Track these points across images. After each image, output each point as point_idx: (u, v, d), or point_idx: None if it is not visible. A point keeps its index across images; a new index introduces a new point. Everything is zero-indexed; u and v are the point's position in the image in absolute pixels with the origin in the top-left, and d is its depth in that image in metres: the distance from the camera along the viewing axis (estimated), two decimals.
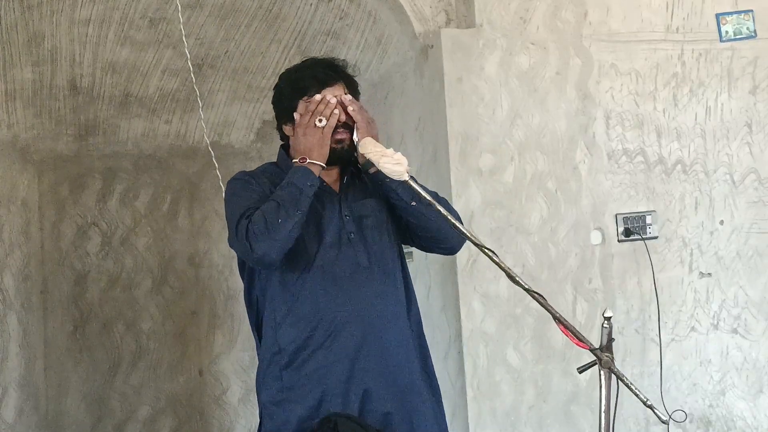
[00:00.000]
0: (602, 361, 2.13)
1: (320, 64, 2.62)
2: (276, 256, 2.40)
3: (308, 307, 2.47)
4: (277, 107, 2.64)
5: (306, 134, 2.45)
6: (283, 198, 2.40)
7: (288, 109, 2.57)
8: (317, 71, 2.57)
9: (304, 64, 2.65)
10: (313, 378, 2.46)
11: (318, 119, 2.44)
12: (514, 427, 3.55)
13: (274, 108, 2.66)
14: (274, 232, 2.36)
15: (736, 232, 3.88)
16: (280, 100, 2.62)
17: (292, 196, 2.40)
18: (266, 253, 2.38)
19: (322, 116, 2.44)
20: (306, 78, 2.56)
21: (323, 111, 2.45)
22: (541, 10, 3.70)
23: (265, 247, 2.37)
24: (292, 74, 2.63)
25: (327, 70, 2.58)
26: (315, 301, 2.47)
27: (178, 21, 3.86)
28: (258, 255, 2.38)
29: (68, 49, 4.26)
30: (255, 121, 5.00)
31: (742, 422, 3.83)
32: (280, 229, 2.37)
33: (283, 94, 2.61)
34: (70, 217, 4.84)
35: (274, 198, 2.41)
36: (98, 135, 4.81)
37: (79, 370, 4.82)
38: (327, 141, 2.45)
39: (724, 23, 3.89)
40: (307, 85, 2.54)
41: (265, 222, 2.37)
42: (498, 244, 3.50)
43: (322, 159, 2.44)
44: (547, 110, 3.68)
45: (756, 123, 3.92)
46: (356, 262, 2.50)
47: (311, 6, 4.06)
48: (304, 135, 2.45)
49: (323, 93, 2.52)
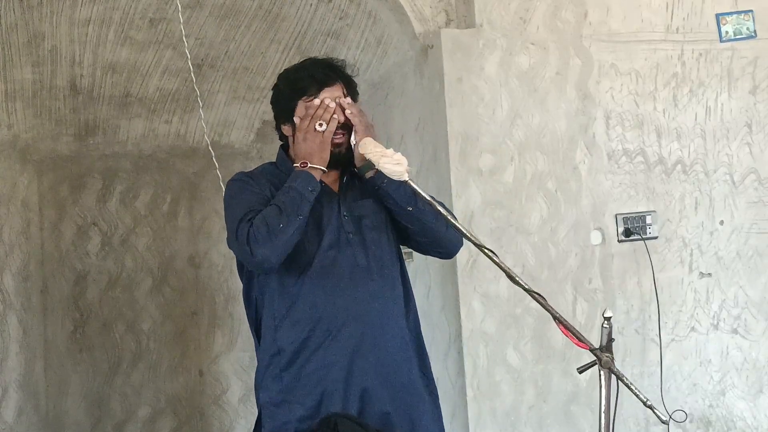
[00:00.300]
0: (602, 361, 2.13)
1: (319, 64, 2.62)
2: (276, 261, 2.41)
3: (307, 308, 2.47)
4: (275, 107, 2.64)
5: (306, 139, 2.45)
6: (284, 203, 2.40)
7: (286, 110, 2.57)
8: (316, 71, 2.57)
9: (303, 64, 2.65)
10: (313, 378, 2.46)
11: (318, 123, 2.44)
12: (514, 427, 3.55)
13: (273, 108, 2.66)
14: (276, 237, 2.37)
15: (736, 232, 3.88)
16: (279, 100, 2.62)
17: (293, 201, 2.40)
18: (267, 258, 2.39)
19: (322, 120, 2.44)
20: (304, 78, 2.56)
21: (323, 115, 2.45)
22: (541, 10, 3.70)
23: (266, 252, 2.37)
24: (291, 74, 2.62)
25: (326, 70, 2.58)
26: (314, 302, 2.47)
27: (178, 21, 3.86)
28: (258, 259, 2.38)
29: (68, 49, 4.26)
30: (255, 121, 5.00)
31: (742, 422, 3.83)
32: (281, 234, 2.37)
33: (281, 95, 2.61)
34: (70, 217, 4.84)
35: (275, 202, 2.41)
36: (98, 135, 4.81)
37: (79, 370, 4.82)
38: (327, 145, 2.46)
39: (724, 23, 3.89)
40: (306, 85, 2.54)
41: (267, 227, 2.37)
42: (498, 244, 3.50)
43: (322, 163, 2.45)
44: (547, 110, 3.68)
45: (756, 123, 3.92)
46: (355, 263, 2.50)
47: (311, 6, 4.06)
48: (305, 140, 2.45)
49: (322, 93, 2.52)
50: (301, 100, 2.53)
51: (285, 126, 2.59)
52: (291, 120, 2.55)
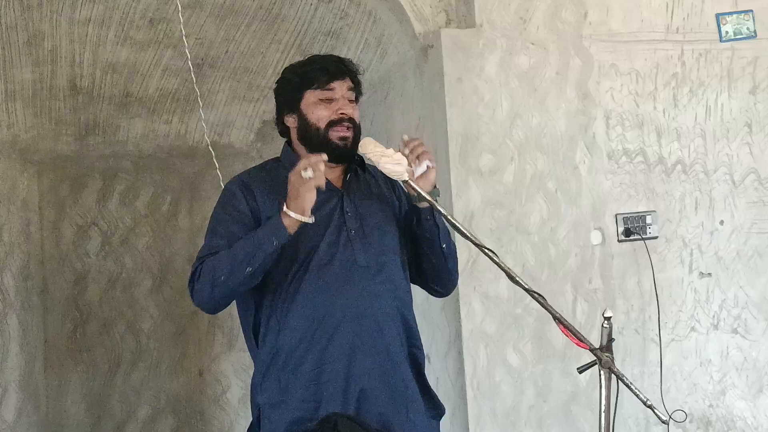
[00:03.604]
0: (602, 361, 2.13)
1: (329, 57, 2.63)
2: (212, 311, 2.53)
3: (305, 309, 2.47)
4: (280, 97, 2.61)
5: (292, 182, 2.39)
6: (239, 251, 2.40)
7: (293, 100, 2.56)
8: (327, 63, 2.57)
9: (311, 58, 2.64)
10: (311, 379, 2.46)
11: (304, 168, 2.36)
12: (514, 427, 3.55)
13: (277, 98, 2.63)
14: (214, 290, 2.43)
15: (736, 232, 3.88)
16: (285, 90, 2.60)
17: (248, 251, 2.39)
18: (202, 306, 2.51)
19: (310, 167, 2.35)
20: (315, 69, 2.55)
21: (313, 164, 2.36)
22: (541, 10, 3.70)
23: (202, 301, 2.47)
24: (299, 67, 2.62)
25: (337, 63, 2.58)
26: (311, 303, 2.46)
27: (178, 21, 3.86)
28: (195, 303, 2.50)
29: (68, 49, 4.26)
30: (255, 121, 5.00)
31: (742, 422, 3.83)
32: (221, 287, 2.42)
33: (288, 84, 2.59)
34: (70, 217, 4.84)
35: (233, 249, 2.41)
36: (98, 135, 4.81)
37: (79, 370, 4.81)
38: (309, 195, 2.36)
39: (724, 23, 3.89)
40: (316, 75, 2.54)
41: (211, 277, 2.41)
42: (498, 244, 3.50)
43: (299, 211, 2.36)
44: (547, 110, 3.68)
45: (756, 123, 3.92)
46: (354, 262, 2.50)
47: (311, 6, 4.06)
48: (290, 183, 2.39)
49: (332, 85, 2.52)
50: (309, 90, 2.53)
51: (289, 117, 2.58)
52: (296, 110, 2.55)
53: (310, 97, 2.53)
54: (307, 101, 2.53)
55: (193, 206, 5.04)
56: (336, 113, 2.53)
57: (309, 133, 2.54)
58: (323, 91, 2.53)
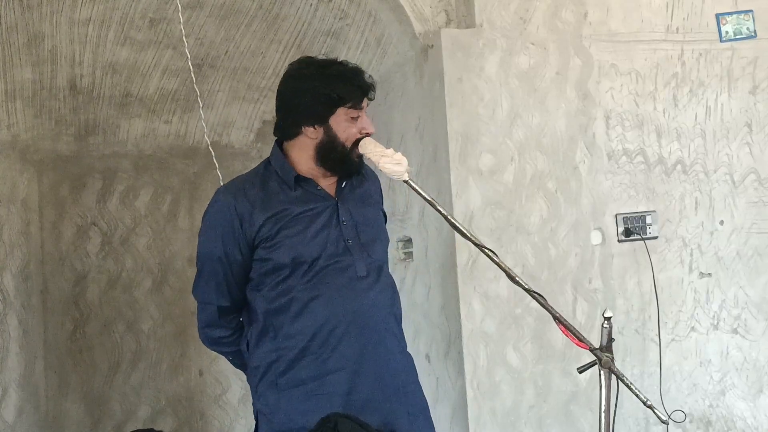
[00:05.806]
0: (602, 361, 2.13)
1: (360, 73, 2.55)
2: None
3: (305, 317, 2.46)
4: (308, 107, 2.50)
5: None
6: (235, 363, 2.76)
7: (324, 114, 2.49)
8: (361, 82, 2.52)
9: (341, 70, 2.54)
10: (311, 388, 2.45)
11: None
12: (514, 427, 3.55)
13: (300, 106, 2.51)
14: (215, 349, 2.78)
15: (736, 232, 3.88)
16: (316, 101, 2.49)
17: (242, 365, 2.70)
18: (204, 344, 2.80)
19: None
20: (353, 88, 2.50)
21: None
22: (541, 10, 3.70)
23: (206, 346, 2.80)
24: (332, 80, 2.50)
25: (370, 81, 2.54)
26: (312, 311, 2.46)
27: (178, 21, 3.86)
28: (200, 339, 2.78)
29: (68, 49, 4.26)
30: (255, 121, 5.00)
31: (742, 422, 3.83)
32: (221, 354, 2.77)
33: (321, 97, 2.49)
34: (70, 217, 4.84)
35: (233, 360, 2.76)
36: (98, 135, 4.81)
37: (79, 370, 4.81)
38: None
39: (724, 23, 3.89)
40: (354, 95, 2.49)
41: (213, 349, 2.78)
42: (498, 244, 3.50)
43: None
44: (547, 110, 3.68)
45: (756, 123, 3.92)
46: (354, 272, 2.49)
47: (311, 6, 4.06)
48: None
49: (363, 104, 2.51)
50: (342, 107, 2.49)
51: (312, 128, 2.51)
52: (324, 124, 2.49)
53: (342, 115, 2.49)
54: (338, 118, 2.49)
55: (193, 206, 5.04)
56: (361, 131, 2.52)
57: (334, 149, 2.51)
58: (356, 110, 2.51)
